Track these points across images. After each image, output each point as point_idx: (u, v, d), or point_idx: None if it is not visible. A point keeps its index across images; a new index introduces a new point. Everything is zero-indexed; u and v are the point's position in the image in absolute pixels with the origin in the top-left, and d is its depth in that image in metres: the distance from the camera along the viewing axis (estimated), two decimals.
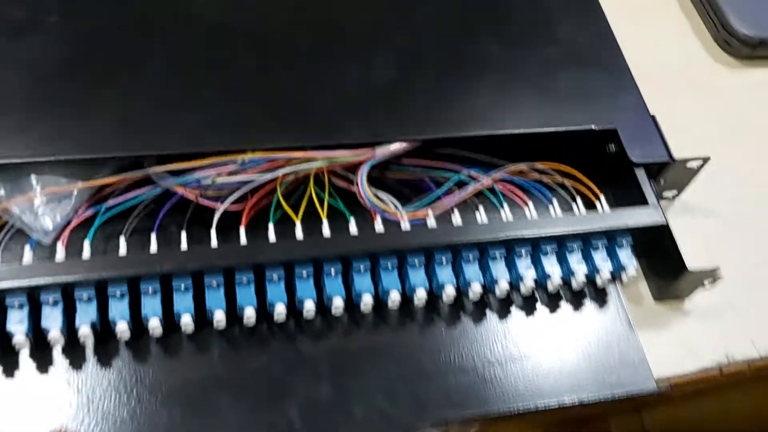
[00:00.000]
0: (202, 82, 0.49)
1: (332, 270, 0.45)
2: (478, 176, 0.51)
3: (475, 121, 0.50)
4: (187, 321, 0.42)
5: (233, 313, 0.43)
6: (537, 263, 0.48)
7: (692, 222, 0.54)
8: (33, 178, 0.45)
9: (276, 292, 0.44)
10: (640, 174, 0.51)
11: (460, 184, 0.51)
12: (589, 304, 0.50)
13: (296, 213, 0.47)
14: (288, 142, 0.46)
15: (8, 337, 0.40)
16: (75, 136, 0.44)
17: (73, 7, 0.51)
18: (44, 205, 0.45)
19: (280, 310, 0.44)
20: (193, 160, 0.46)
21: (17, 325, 0.40)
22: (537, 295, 0.50)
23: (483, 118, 0.50)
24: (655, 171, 0.52)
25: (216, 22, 0.53)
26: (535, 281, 0.47)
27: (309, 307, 0.44)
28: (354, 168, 0.49)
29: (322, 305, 0.45)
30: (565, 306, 0.50)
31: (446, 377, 0.46)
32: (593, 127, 0.51)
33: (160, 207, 0.47)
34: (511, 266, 0.47)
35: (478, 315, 0.48)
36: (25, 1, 0.51)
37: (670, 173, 0.52)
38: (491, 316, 0.49)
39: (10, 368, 0.42)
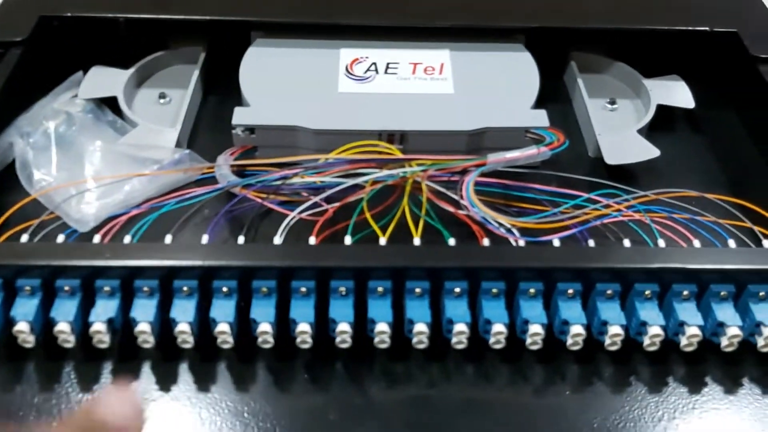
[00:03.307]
0: None
1: (417, 289, 0.34)
2: (613, 204, 0.40)
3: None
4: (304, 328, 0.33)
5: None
6: (705, 311, 0.34)
7: None
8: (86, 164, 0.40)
9: (342, 310, 0.33)
10: None
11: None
12: None
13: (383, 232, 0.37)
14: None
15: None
16: None
17: None
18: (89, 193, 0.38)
19: (342, 329, 0.33)
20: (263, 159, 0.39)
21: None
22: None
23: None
24: None
25: None
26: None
27: (382, 329, 0.33)
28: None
29: (400, 334, 0.33)
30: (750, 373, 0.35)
31: None
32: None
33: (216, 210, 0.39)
34: (668, 311, 0.34)
35: (622, 374, 0.35)
36: None
37: None
38: (642, 377, 0.35)
39: None
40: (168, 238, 0.37)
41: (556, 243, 0.37)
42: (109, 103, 0.47)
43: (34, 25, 0.47)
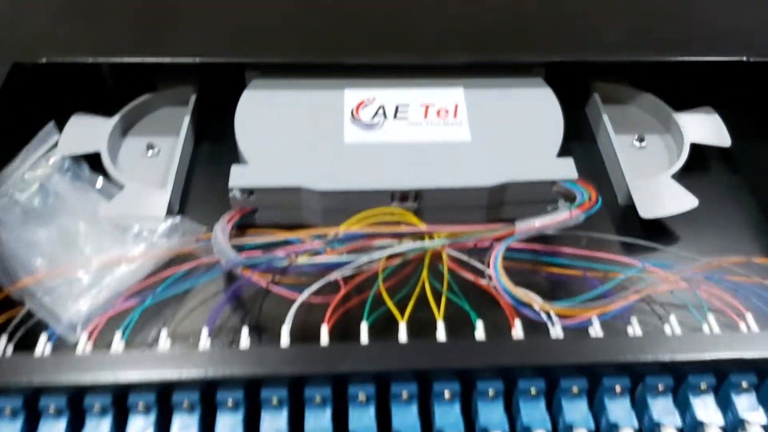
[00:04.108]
0: None
1: (445, 392, 0.30)
2: (661, 272, 0.36)
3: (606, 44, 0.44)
4: None
5: None
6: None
7: None
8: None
9: (363, 420, 0.29)
10: None
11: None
12: None
13: (401, 311, 0.34)
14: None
15: None
16: None
17: None
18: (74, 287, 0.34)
19: None
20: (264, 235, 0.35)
21: None
22: None
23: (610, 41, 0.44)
24: None
25: None
26: None
27: None
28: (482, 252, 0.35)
29: None
30: None
31: None
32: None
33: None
34: (725, 405, 0.30)
35: None
36: None
37: None
38: None
39: None
40: (164, 334, 0.33)
41: (596, 324, 0.33)
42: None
43: (7, 73, 0.43)
